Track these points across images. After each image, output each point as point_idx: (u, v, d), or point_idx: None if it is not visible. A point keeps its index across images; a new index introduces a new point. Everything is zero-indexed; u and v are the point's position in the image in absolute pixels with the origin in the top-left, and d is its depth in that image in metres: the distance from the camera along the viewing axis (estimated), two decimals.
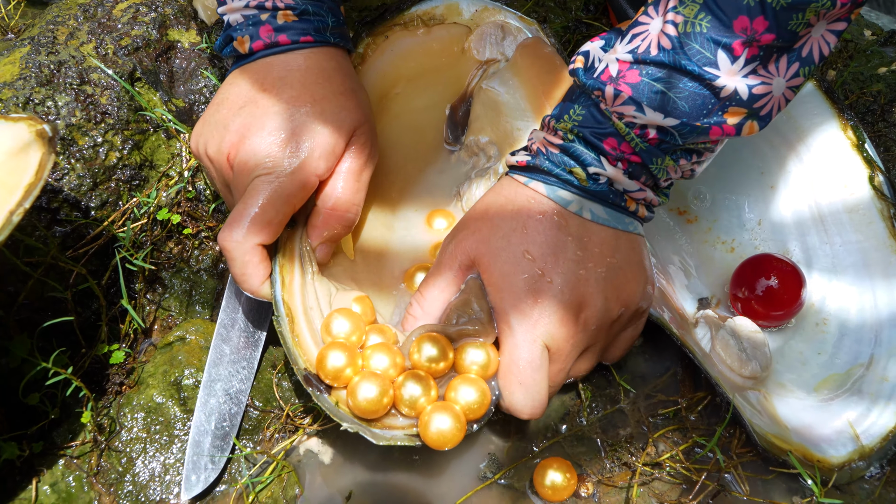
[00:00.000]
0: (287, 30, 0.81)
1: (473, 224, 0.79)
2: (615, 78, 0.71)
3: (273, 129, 0.78)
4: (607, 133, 0.73)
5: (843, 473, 0.77)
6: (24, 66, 0.93)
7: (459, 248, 0.78)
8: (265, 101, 0.79)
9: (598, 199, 0.76)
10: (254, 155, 0.78)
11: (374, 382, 0.75)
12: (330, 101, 0.80)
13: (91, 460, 0.79)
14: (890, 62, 1.12)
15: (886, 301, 0.86)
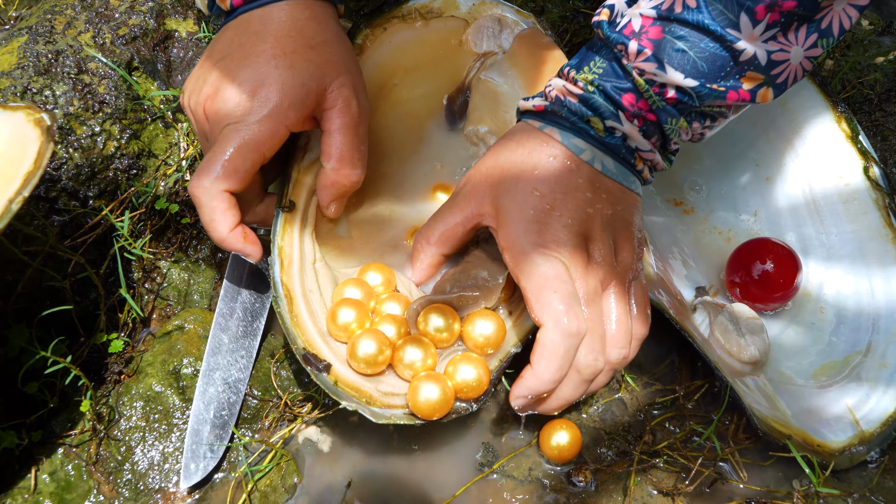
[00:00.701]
0: None
1: (486, 167, 0.79)
2: (638, 33, 0.71)
3: (243, 81, 0.78)
4: (627, 88, 0.73)
5: (843, 458, 0.78)
6: (22, 56, 0.93)
7: (472, 190, 0.79)
8: (239, 54, 0.80)
9: (611, 152, 0.76)
10: (224, 105, 0.78)
11: (374, 338, 0.78)
12: (299, 55, 0.80)
13: (90, 449, 0.80)
14: (887, 52, 1.12)
15: (883, 289, 0.87)
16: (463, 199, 0.80)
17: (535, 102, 0.78)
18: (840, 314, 0.88)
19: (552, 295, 0.72)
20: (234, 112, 0.78)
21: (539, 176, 0.75)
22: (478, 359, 0.78)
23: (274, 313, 0.82)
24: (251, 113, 0.78)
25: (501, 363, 0.81)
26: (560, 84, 0.77)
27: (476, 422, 0.83)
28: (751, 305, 0.87)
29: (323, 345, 0.79)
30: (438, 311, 0.80)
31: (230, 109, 0.78)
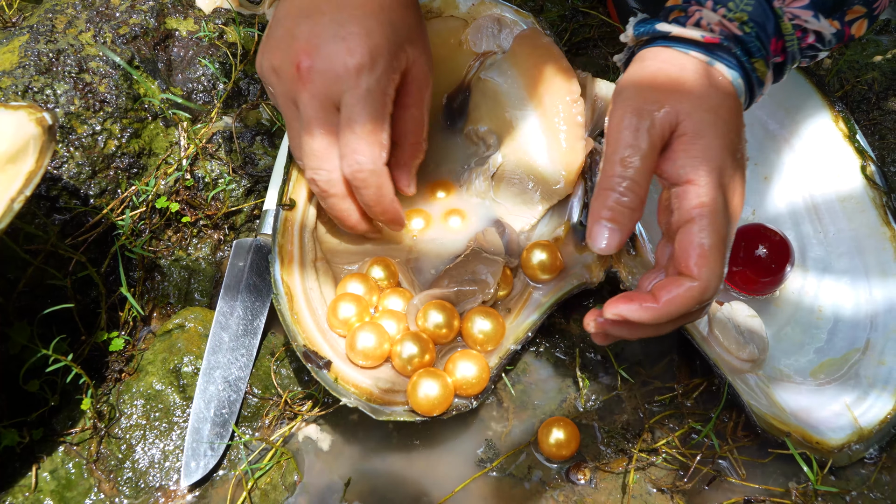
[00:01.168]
0: None
1: (667, 97, 0.69)
2: None
3: (347, 36, 0.76)
4: (772, 33, 0.70)
5: (841, 456, 0.78)
6: (23, 55, 0.93)
7: (661, 118, 0.67)
8: (330, 8, 0.77)
9: (751, 94, 0.73)
10: (330, 62, 0.76)
11: (373, 331, 0.80)
12: (396, 12, 0.78)
13: (91, 447, 0.80)
14: (885, 51, 1.12)
15: (881, 287, 0.87)
16: (651, 127, 0.68)
17: (701, 33, 0.70)
18: (838, 312, 0.88)
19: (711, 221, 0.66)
20: (345, 69, 0.75)
21: (728, 119, 0.69)
22: (477, 355, 0.79)
23: (274, 311, 0.83)
24: (369, 71, 0.76)
25: (501, 360, 0.81)
26: (715, 18, 0.70)
27: (475, 419, 0.83)
28: (743, 290, 0.88)
29: (323, 342, 0.80)
30: (438, 308, 0.81)
31: (339, 67, 0.75)
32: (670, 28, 0.71)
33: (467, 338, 0.82)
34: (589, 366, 0.86)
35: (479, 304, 0.83)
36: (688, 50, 0.71)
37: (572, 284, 0.85)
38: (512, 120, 0.93)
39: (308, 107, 0.77)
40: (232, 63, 1.02)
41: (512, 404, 0.84)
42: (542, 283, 0.86)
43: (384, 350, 0.80)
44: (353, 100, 0.76)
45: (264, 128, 1.00)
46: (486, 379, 0.79)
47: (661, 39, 0.72)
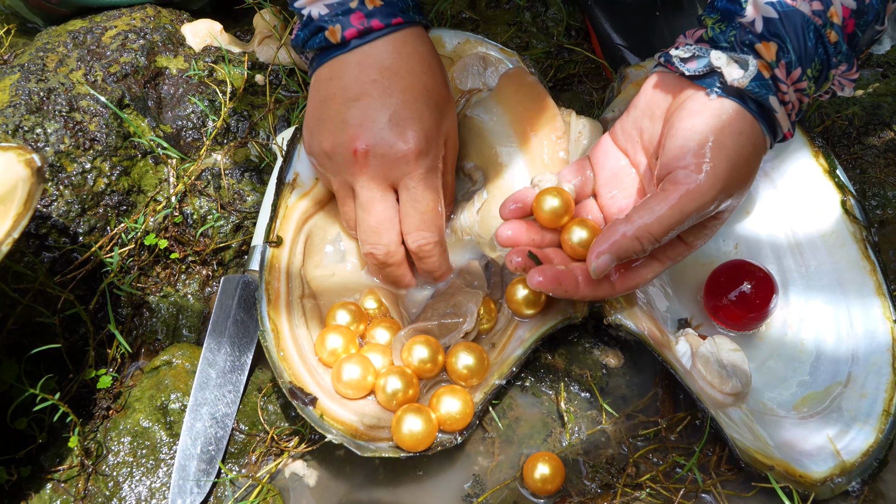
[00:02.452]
0: (377, 14, 0.82)
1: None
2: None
3: (401, 121, 0.81)
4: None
5: (824, 489, 0.78)
6: (14, 94, 0.94)
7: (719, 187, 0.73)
8: (379, 92, 0.81)
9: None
10: (389, 147, 0.80)
11: (358, 363, 0.81)
12: (438, 93, 0.84)
13: (78, 484, 0.80)
14: (866, 85, 1.14)
15: (862, 320, 0.88)
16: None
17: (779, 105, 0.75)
18: (820, 345, 0.89)
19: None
20: (403, 155, 0.81)
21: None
22: (461, 391, 0.80)
23: (261, 348, 0.83)
24: (425, 154, 0.82)
25: (486, 395, 0.82)
26: (795, 97, 0.76)
27: (462, 454, 0.83)
28: (728, 325, 0.88)
29: (309, 379, 0.80)
30: (422, 343, 0.82)
31: (398, 153, 0.80)
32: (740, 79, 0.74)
33: (451, 373, 0.82)
34: (573, 400, 0.87)
35: (462, 337, 0.84)
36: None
37: (556, 319, 0.85)
38: (497, 156, 0.94)
39: (366, 189, 0.83)
40: (221, 101, 1.03)
41: (498, 439, 0.84)
42: (526, 317, 0.86)
43: (368, 382, 0.81)
44: (414, 182, 0.82)
45: (253, 164, 1.01)
46: (471, 414, 0.80)
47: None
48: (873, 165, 1.04)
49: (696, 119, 0.74)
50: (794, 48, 0.72)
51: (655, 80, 0.80)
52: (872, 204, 1.00)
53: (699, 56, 0.76)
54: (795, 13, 0.72)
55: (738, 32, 0.74)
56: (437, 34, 1.01)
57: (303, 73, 1.08)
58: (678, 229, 0.73)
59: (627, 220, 0.72)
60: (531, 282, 0.75)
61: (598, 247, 0.73)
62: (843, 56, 0.75)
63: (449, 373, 0.83)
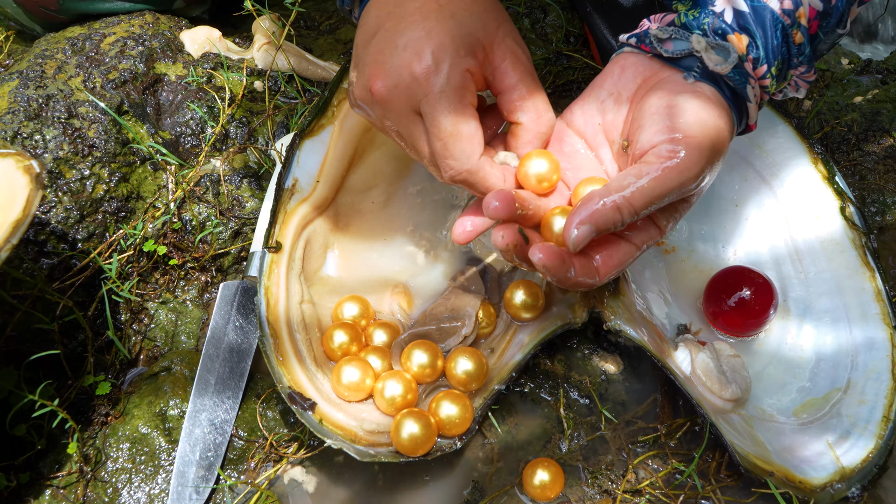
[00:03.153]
0: None
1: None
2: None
3: (407, 44, 0.74)
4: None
5: (823, 495, 0.78)
6: (13, 100, 0.95)
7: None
8: (391, 22, 0.76)
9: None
10: (399, 77, 0.74)
11: (358, 367, 0.81)
12: (456, 4, 0.76)
13: (77, 490, 0.80)
14: (866, 91, 1.14)
15: (860, 326, 0.88)
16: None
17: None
18: (819, 351, 0.89)
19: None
20: (414, 79, 0.73)
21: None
22: (460, 395, 0.80)
23: (260, 354, 0.83)
24: (436, 72, 0.73)
25: (485, 401, 0.82)
26: (759, 91, 0.76)
27: (461, 460, 0.83)
28: (727, 332, 0.88)
29: (308, 384, 0.80)
30: (422, 348, 0.82)
31: (407, 77, 0.74)
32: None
33: (451, 378, 0.82)
34: (573, 406, 0.87)
35: (461, 341, 0.84)
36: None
37: (556, 325, 0.85)
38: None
39: (396, 126, 0.77)
40: (220, 107, 1.03)
41: (497, 445, 0.84)
42: (524, 321, 0.86)
43: (367, 385, 0.81)
44: (429, 107, 0.74)
45: (252, 171, 1.01)
46: (470, 419, 0.80)
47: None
48: (872, 172, 1.04)
49: (678, 98, 0.72)
50: (763, 44, 0.72)
51: (623, 62, 0.78)
52: (872, 210, 1.00)
53: (676, 38, 0.74)
54: (766, 9, 0.71)
55: (710, 20, 0.72)
56: None
57: (302, 80, 1.08)
58: (658, 204, 0.70)
59: (606, 190, 0.69)
60: (533, 258, 0.70)
61: (577, 216, 0.69)
62: (805, 58, 0.75)
63: (448, 378, 0.83)
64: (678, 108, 0.71)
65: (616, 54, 0.79)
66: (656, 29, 0.75)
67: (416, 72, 0.73)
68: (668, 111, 0.71)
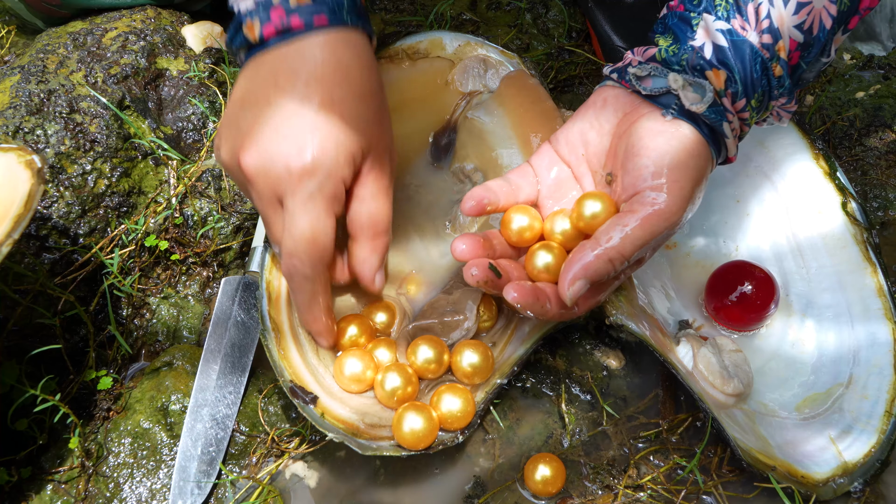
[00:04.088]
0: (299, 11, 0.74)
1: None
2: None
3: (290, 134, 0.72)
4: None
5: (826, 489, 0.79)
6: (15, 95, 0.95)
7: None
8: (277, 98, 0.74)
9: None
10: (271, 162, 0.73)
11: (360, 358, 0.82)
12: (348, 105, 0.74)
13: (79, 485, 0.80)
14: (868, 86, 1.14)
15: (863, 322, 0.88)
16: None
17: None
18: (822, 347, 0.89)
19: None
20: (286, 171, 0.72)
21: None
22: (462, 389, 0.80)
23: (262, 349, 0.83)
24: (310, 175, 0.72)
25: (487, 394, 0.82)
26: (738, 125, 0.76)
27: (462, 455, 0.83)
28: (729, 326, 0.89)
29: (310, 378, 0.80)
30: (428, 343, 0.82)
31: (280, 168, 0.72)
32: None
33: (456, 370, 0.83)
34: (574, 402, 0.87)
35: (464, 335, 0.84)
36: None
37: None
38: (498, 158, 0.94)
39: (257, 202, 0.76)
40: (221, 102, 1.03)
41: (498, 440, 0.84)
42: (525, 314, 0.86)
43: (368, 378, 0.81)
44: (293, 206, 0.73)
45: None
46: (472, 412, 0.80)
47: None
48: (875, 167, 1.04)
49: (658, 140, 0.73)
50: (741, 79, 0.72)
51: (605, 95, 0.79)
52: (874, 206, 1.00)
53: (655, 76, 0.75)
54: (745, 43, 0.72)
55: (689, 56, 0.73)
56: (437, 36, 1.01)
57: None
58: (646, 248, 0.72)
59: (595, 242, 0.71)
60: (507, 296, 0.72)
61: (571, 271, 0.70)
62: (785, 90, 0.75)
63: (454, 371, 0.83)
64: (659, 150, 0.72)
65: (599, 86, 0.81)
66: (636, 66, 0.76)
67: (291, 166, 0.72)
68: (648, 153, 0.73)
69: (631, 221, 0.71)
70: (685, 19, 0.74)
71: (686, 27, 0.74)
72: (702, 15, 0.73)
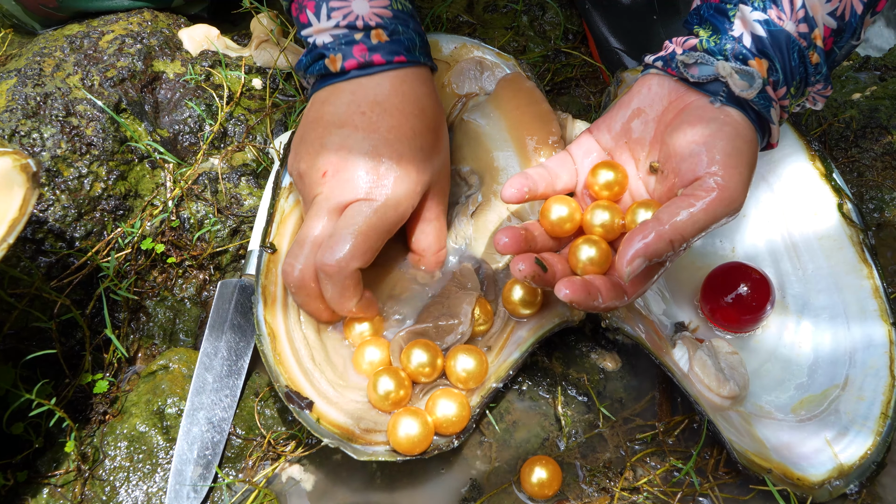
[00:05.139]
0: (380, 49, 0.82)
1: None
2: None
3: (375, 157, 0.80)
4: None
5: (822, 492, 0.78)
6: (11, 98, 0.95)
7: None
8: (364, 125, 0.81)
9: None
10: (354, 178, 0.79)
11: (391, 377, 0.82)
12: (425, 137, 0.83)
13: (75, 489, 0.80)
14: (864, 88, 1.14)
15: (859, 324, 0.88)
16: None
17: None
18: (818, 348, 0.89)
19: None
20: (364, 188, 0.79)
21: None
22: (457, 394, 0.80)
23: (258, 352, 0.83)
24: (383, 194, 0.79)
25: (483, 398, 0.82)
26: (779, 112, 0.78)
27: (458, 458, 0.83)
28: (725, 327, 0.89)
29: (306, 382, 0.80)
30: (422, 347, 0.82)
31: (360, 185, 0.79)
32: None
33: (451, 375, 0.83)
34: (571, 404, 0.87)
35: (458, 339, 0.84)
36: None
37: (554, 322, 0.85)
38: (494, 161, 0.94)
39: (318, 203, 0.81)
40: (218, 105, 1.03)
41: (495, 443, 0.84)
42: (523, 317, 0.86)
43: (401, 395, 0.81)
44: (365, 207, 0.79)
45: (250, 168, 1.01)
46: (467, 417, 0.80)
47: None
48: (871, 168, 1.04)
49: (711, 126, 0.74)
50: (781, 67, 0.74)
51: (649, 83, 0.80)
52: (870, 207, 1.00)
53: (702, 63, 0.76)
54: (781, 33, 0.73)
55: (732, 46, 0.74)
56: (433, 38, 1.01)
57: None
58: (706, 233, 0.73)
59: (657, 222, 0.71)
60: (559, 294, 0.72)
61: (631, 249, 0.70)
62: (822, 76, 0.77)
63: (448, 375, 0.83)
64: (715, 137, 0.74)
65: (642, 75, 0.82)
66: (682, 54, 0.77)
67: (368, 186, 0.80)
68: (705, 141, 0.74)
69: (697, 204, 0.71)
70: (721, 11, 0.76)
71: (723, 18, 0.76)
72: (738, 6, 0.75)
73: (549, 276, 0.77)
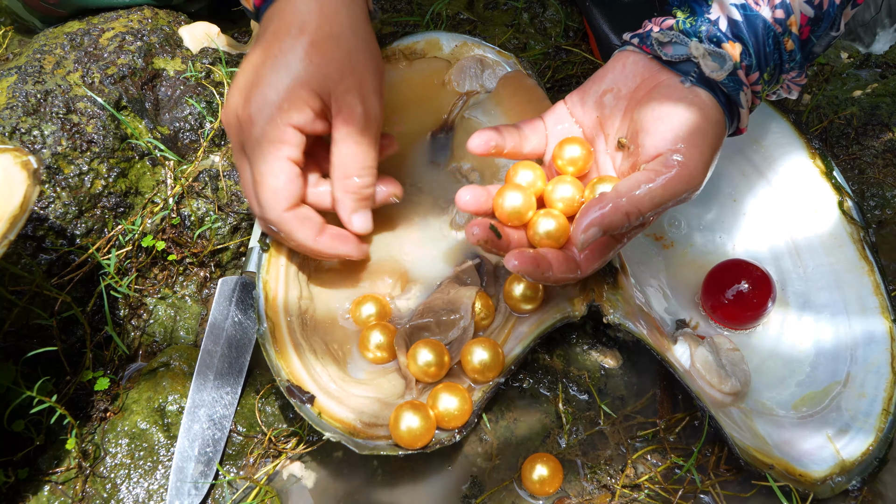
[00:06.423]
0: None
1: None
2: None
3: (244, 86, 0.78)
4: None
5: (823, 488, 0.79)
6: (11, 96, 0.94)
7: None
8: (251, 57, 0.80)
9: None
10: (228, 116, 0.80)
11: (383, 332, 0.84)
12: (295, 53, 0.77)
13: (76, 486, 0.80)
14: (865, 85, 1.14)
15: (860, 321, 0.88)
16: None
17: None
18: (819, 345, 0.89)
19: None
20: (237, 121, 0.79)
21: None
22: (459, 388, 0.80)
23: (259, 349, 0.83)
24: (253, 124, 0.78)
25: (485, 393, 0.82)
26: (750, 97, 0.78)
27: (460, 455, 0.83)
28: (726, 324, 0.89)
29: (307, 377, 0.80)
30: (427, 346, 0.81)
31: (233, 119, 0.79)
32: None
33: (466, 367, 0.82)
34: (572, 401, 0.87)
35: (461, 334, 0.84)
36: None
37: (555, 318, 0.85)
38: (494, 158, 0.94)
39: (234, 159, 0.82)
40: (218, 102, 1.03)
41: (496, 440, 0.84)
42: (524, 313, 0.86)
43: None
44: (248, 150, 0.79)
45: None
46: (469, 411, 0.79)
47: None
48: (872, 166, 1.04)
49: (679, 105, 0.75)
50: (755, 52, 0.75)
51: (624, 59, 0.81)
52: (871, 204, 1.00)
53: (676, 43, 0.77)
54: (758, 18, 0.74)
55: (706, 28, 0.75)
56: (434, 36, 1.01)
57: None
58: (662, 208, 0.74)
59: (616, 194, 0.72)
60: (508, 265, 0.74)
61: (587, 218, 0.71)
62: (796, 64, 0.77)
63: (464, 369, 0.82)
64: (681, 115, 0.75)
65: (618, 51, 0.82)
66: (658, 32, 0.78)
67: (240, 115, 0.78)
68: (670, 119, 0.75)
69: (657, 180, 0.72)
70: None
71: (702, 1, 0.76)
72: None
73: (502, 243, 0.78)
